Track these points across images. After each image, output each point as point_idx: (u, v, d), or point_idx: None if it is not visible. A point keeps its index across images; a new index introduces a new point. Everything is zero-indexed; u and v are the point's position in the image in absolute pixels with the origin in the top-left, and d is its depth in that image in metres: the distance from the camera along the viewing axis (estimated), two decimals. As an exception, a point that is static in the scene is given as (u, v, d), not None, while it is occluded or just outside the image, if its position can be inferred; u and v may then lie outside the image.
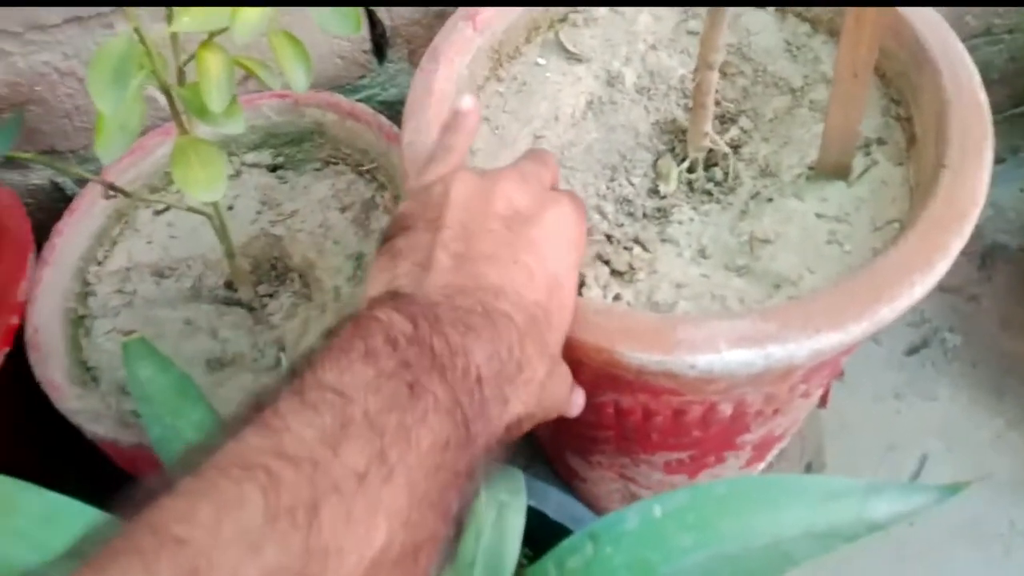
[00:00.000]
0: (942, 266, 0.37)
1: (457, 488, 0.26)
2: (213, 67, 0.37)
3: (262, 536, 0.21)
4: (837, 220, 0.44)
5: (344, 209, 0.58)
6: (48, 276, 0.53)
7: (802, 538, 0.24)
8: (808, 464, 0.71)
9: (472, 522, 0.32)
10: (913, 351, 0.76)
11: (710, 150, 0.48)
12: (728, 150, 0.47)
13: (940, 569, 0.65)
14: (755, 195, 0.46)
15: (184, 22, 0.37)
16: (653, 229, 0.46)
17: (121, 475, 0.52)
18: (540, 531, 0.36)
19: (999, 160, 0.90)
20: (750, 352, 0.35)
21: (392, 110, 0.68)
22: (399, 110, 0.68)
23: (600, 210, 0.47)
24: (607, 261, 0.44)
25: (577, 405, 0.36)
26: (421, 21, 0.64)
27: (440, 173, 0.37)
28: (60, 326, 0.51)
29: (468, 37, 0.51)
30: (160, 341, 0.45)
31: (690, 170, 0.48)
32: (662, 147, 0.50)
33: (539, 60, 0.54)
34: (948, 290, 0.79)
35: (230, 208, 0.58)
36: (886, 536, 0.65)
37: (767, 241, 0.43)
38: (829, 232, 0.43)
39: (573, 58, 0.54)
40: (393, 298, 0.30)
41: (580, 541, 0.26)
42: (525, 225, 0.33)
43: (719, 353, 0.34)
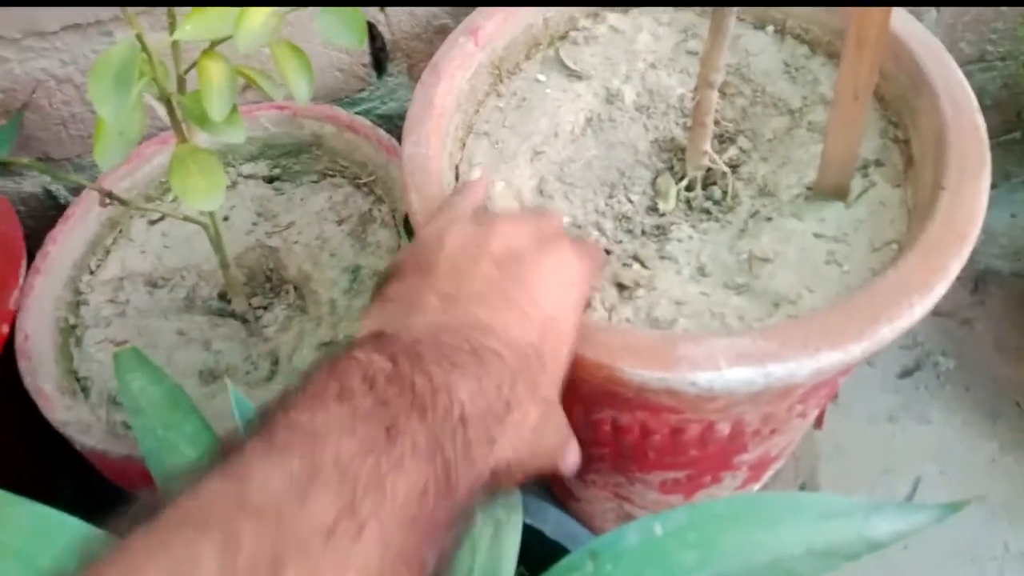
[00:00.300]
0: (941, 287, 0.37)
1: (435, 540, 0.24)
2: (215, 75, 0.37)
3: None
4: (836, 240, 0.44)
5: (341, 222, 0.57)
6: (40, 284, 0.53)
7: (803, 556, 0.24)
8: (802, 485, 0.70)
9: (468, 538, 0.32)
10: (907, 374, 0.76)
11: (709, 169, 0.48)
12: (727, 169, 0.47)
13: (934, 592, 0.64)
14: (754, 214, 0.46)
15: (187, 30, 0.37)
16: (652, 246, 0.46)
17: (113, 484, 0.51)
18: (536, 550, 0.35)
19: (992, 186, 0.91)
20: (750, 370, 0.34)
21: (391, 124, 0.68)
22: (398, 124, 0.68)
23: (599, 227, 0.47)
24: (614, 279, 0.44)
25: (570, 463, 0.33)
26: (421, 36, 0.64)
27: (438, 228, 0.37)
28: (51, 335, 0.51)
29: (469, 52, 0.51)
30: (152, 352, 0.44)
31: (689, 188, 0.48)
32: (661, 165, 0.50)
33: (539, 76, 0.54)
34: (941, 314, 0.79)
35: (226, 219, 0.58)
36: (881, 559, 0.65)
37: (766, 260, 0.43)
38: (828, 252, 0.43)
39: (573, 75, 0.54)
40: (375, 338, 0.29)
41: (580, 559, 0.26)
42: (519, 265, 0.32)
43: (719, 371, 0.34)
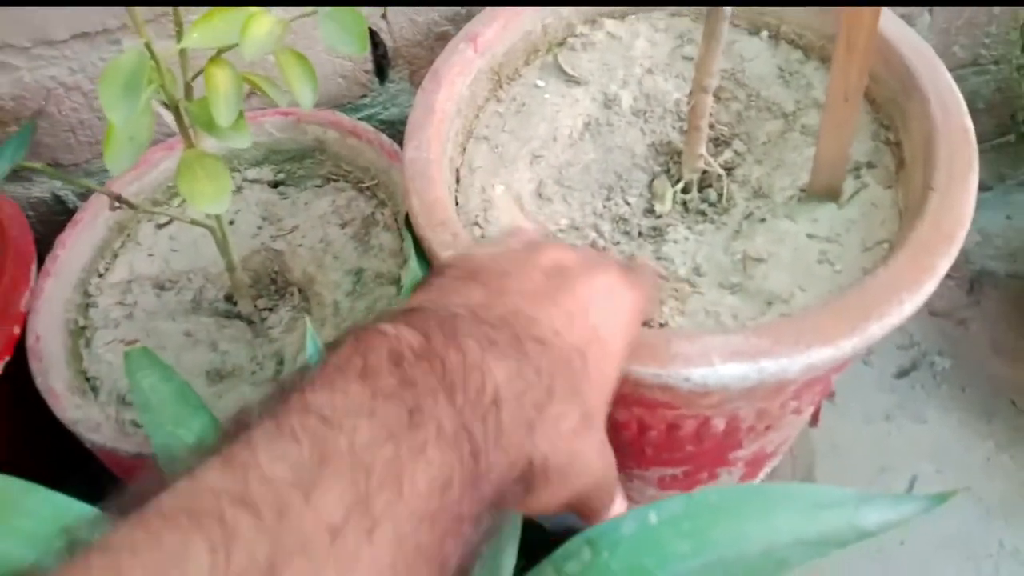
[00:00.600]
0: (930, 285, 0.38)
1: (458, 536, 0.22)
2: (222, 82, 0.38)
3: None
4: (828, 240, 0.45)
5: (344, 225, 0.58)
6: (50, 287, 0.54)
7: (795, 544, 0.25)
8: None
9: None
10: (903, 374, 0.77)
11: (704, 172, 0.49)
12: (722, 172, 0.48)
13: (930, 588, 0.65)
14: (748, 216, 0.47)
15: (194, 38, 0.38)
16: (649, 247, 0.47)
17: (123, 482, 0.52)
18: (536, 542, 0.36)
19: (986, 188, 0.92)
20: (743, 366, 0.35)
21: (393, 129, 0.69)
22: (399, 129, 0.69)
23: (597, 228, 0.48)
24: None
25: (619, 509, 0.31)
26: (422, 43, 0.65)
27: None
28: (61, 336, 0.52)
29: (469, 59, 0.52)
30: (161, 352, 0.45)
31: (685, 191, 0.49)
32: (657, 168, 0.51)
33: (538, 82, 0.56)
34: (938, 314, 0.80)
35: (231, 223, 0.59)
36: (877, 555, 0.66)
37: (760, 260, 0.44)
38: (820, 252, 0.44)
39: (571, 81, 0.55)
40: (408, 312, 0.26)
41: (577, 546, 0.27)
42: (569, 279, 0.30)
43: (713, 367, 0.35)
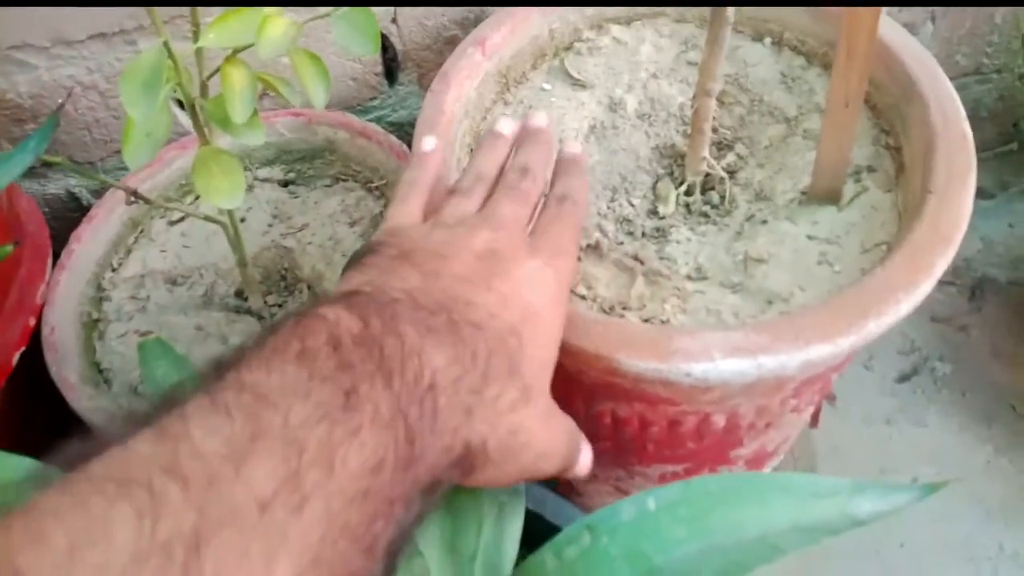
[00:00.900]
0: (926, 286, 0.39)
1: (389, 518, 0.23)
2: (237, 81, 0.39)
3: None
4: (828, 242, 0.45)
5: (353, 224, 0.59)
6: (65, 280, 0.55)
7: (789, 531, 0.26)
8: (800, 487, 0.72)
9: (474, 518, 0.33)
10: (904, 379, 0.77)
11: (707, 174, 0.50)
12: (724, 175, 0.49)
13: (929, 592, 0.65)
14: (750, 218, 0.48)
15: (210, 38, 0.39)
16: (652, 247, 0.48)
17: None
18: (537, 532, 0.37)
19: (989, 196, 0.93)
20: (743, 362, 0.36)
21: (401, 131, 0.70)
22: (408, 131, 0.70)
23: (601, 228, 0.49)
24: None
25: (583, 465, 0.33)
26: (431, 47, 0.67)
27: (406, 211, 0.36)
28: (75, 328, 0.53)
29: (477, 62, 0.53)
30: (173, 346, 0.46)
31: (688, 193, 0.50)
32: (661, 171, 0.52)
33: (544, 85, 0.57)
34: (939, 320, 0.80)
35: (242, 220, 0.60)
36: (876, 557, 0.66)
37: (761, 261, 0.45)
38: (820, 253, 0.45)
39: (577, 84, 0.56)
40: (347, 296, 0.27)
41: (577, 531, 0.28)
42: (501, 262, 0.31)
43: (713, 362, 0.36)
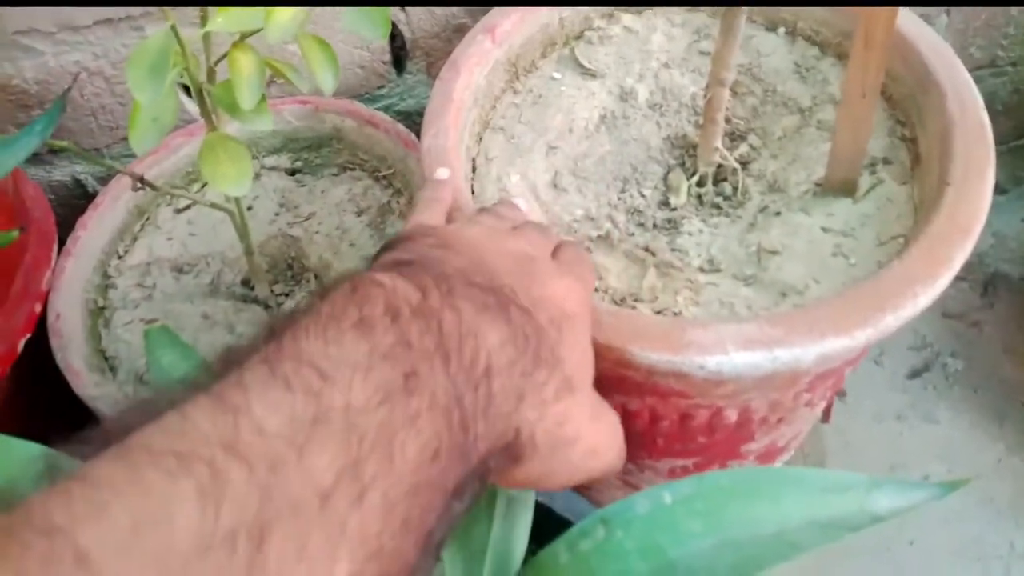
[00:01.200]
0: (945, 279, 0.38)
1: (443, 509, 0.22)
2: (245, 66, 0.39)
3: (187, 571, 0.16)
4: (843, 234, 0.45)
5: (360, 213, 0.59)
6: (71, 267, 0.54)
7: (807, 527, 0.25)
8: (809, 482, 0.71)
9: (484, 511, 0.33)
10: (915, 374, 0.77)
11: (719, 165, 0.49)
12: (737, 166, 0.49)
13: (940, 590, 0.65)
14: (763, 209, 0.48)
15: (218, 22, 0.39)
16: (663, 239, 0.47)
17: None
18: (546, 526, 0.36)
19: (1002, 191, 0.92)
20: (758, 355, 0.35)
21: (409, 120, 0.69)
22: (416, 120, 0.69)
23: (612, 219, 0.48)
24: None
25: (620, 463, 0.33)
26: (440, 35, 0.66)
27: (430, 217, 0.36)
28: (81, 315, 0.53)
29: (486, 49, 0.52)
30: (179, 334, 0.46)
31: (700, 184, 0.49)
32: (672, 161, 0.51)
33: (555, 74, 0.56)
34: (951, 316, 0.80)
35: (249, 209, 0.59)
36: (887, 555, 0.66)
37: (774, 252, 0.44)
38: (835, 245, 0.44)
39: (588, 74, 0.55)
40: (401, 264, 0.26)
41: (592, 525, 0.27)
42: (537, 271, 0.30)
43: (728, 355, 0.35)
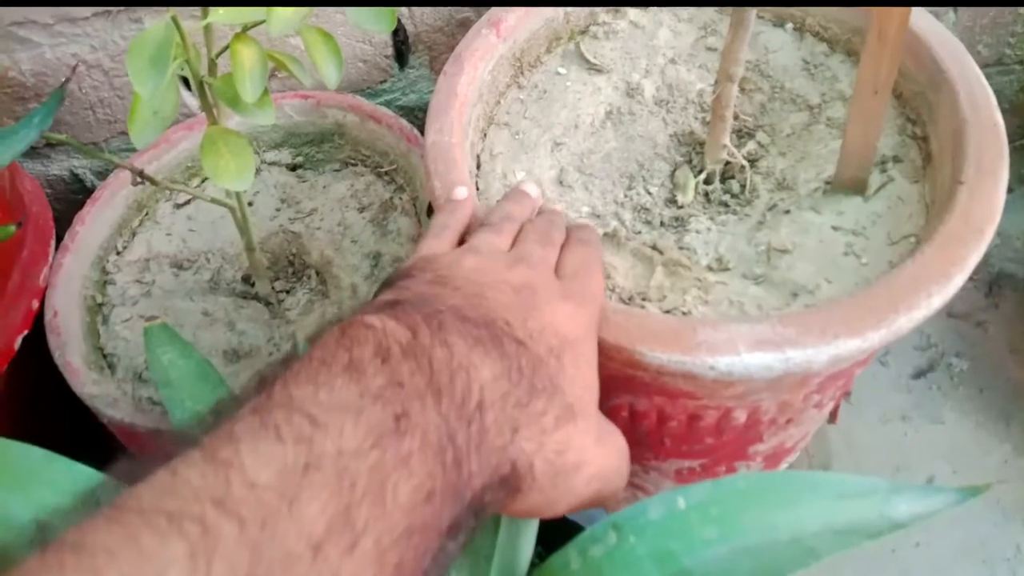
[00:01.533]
0: (959, 279, 0.38)
1: (437, 549, 0.22)
2: (247, 59, 0.38)
3: None
4: (854, 233, 0.44)
5: (363, 209, 0.58)
6: (69, 263, 0.53)
7: (823, 533, 0.24)
8: (813, 483, 0.71)
9: (490, 518, 0.32)
10: (920, 375, 0.76)
11: (727, 163, 0.48)
12: (745, 163, 0.48)
13: (945, 592, 0.65)
14: (772, 207, 0.47)
15: (220, 14, 0.38)
16: (671, 237, 0.46)
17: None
18: (554, 530, 0.36)
19: (1008, 190, 0.91)
20: (769, 355, 0.35)
21: (411, 115, 0.68)
22: (418, 116, 0.69)
23: (618, 217, 0.48)
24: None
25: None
26: (443, 29, 0.65)
27: (439, 245, 0.35)
28: (79, 312, 0.52)
29: (491, 44, 0.52)
30: (179, 331, 0.45)
31: (707, 181, 0.49)
32: (679, 158, 0.51)
33: (560, 70, 0.55)
34: (956, 316, 0.79)
35: (250, 204, 0.59)
36: (892, 558, 0.65)
37: (784, 251, 0.44)
38: (846, 244, 0.43)
39: (593, 69, 0.55)
40: (393, 305, 0.26)
41: (602, 530, 0.26)
42: (538, 301, 0.30)
43: (739, 355, 0.35)
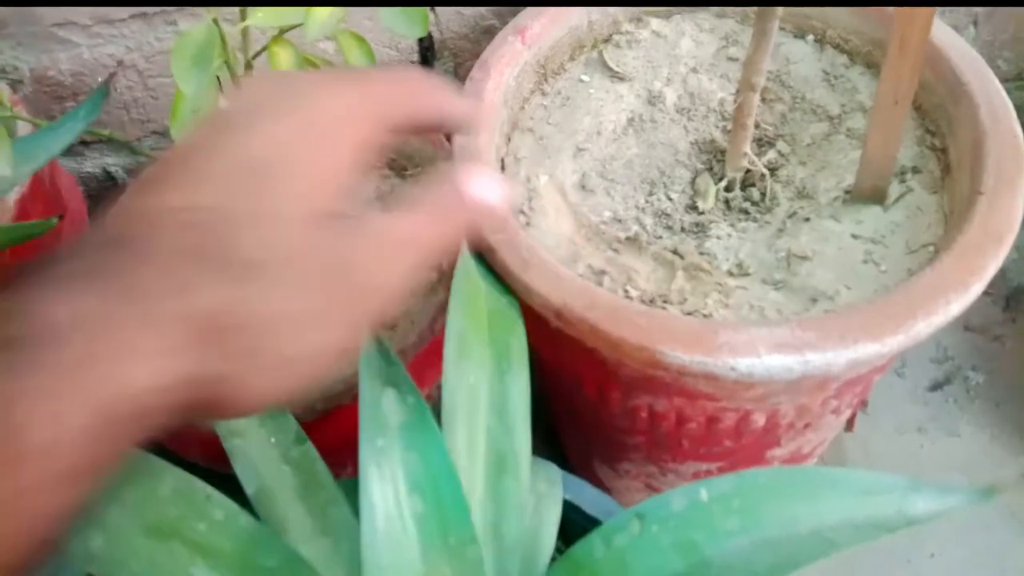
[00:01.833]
0: (977, 287, 0.38)
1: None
2: (284, 61, 0.39)
3: None
4: (873, 242, 0.45)
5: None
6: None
7: (844, 527, 0.25)
8: (827, 493, 0.71)
9: (515, 504, 0.33)
10: (936, 387, 0.76)
11: (748, 171, 0.49)
12: (765, 171, 0.49)
13: (958, 604, 0.64)
14: (792, 215, 0.48)
15: (258, 17, 0.39)
16: (691, 242, 0.47)
17: (168, 450, 0.52)
18: (575, 523, 0.36)
19: (1025, 204, 0.91)
20: (789, 358, 0.35)
21: (435, 121, 0.70)
22: (442, 121, 0.70)
23: (639, 222, 0.48)
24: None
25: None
26: (469, 36, 0.66)
27: None
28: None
29: (517, 51, 0.53)
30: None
31: (728, 189, 0.49)
32: (700, 166, 0.51)
33: (583, 77, 0.56)
34: (973, 330, 0.79)
35: (276, 205, 0.60)
36: (907, 567, 0.65)
37: (804, 258, 0.44)
38: (865, 252, 0.44)
39: (616, 77, 0.56)
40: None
41: (626, 520, 0.27)
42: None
43: (759, 357, 0.35)
